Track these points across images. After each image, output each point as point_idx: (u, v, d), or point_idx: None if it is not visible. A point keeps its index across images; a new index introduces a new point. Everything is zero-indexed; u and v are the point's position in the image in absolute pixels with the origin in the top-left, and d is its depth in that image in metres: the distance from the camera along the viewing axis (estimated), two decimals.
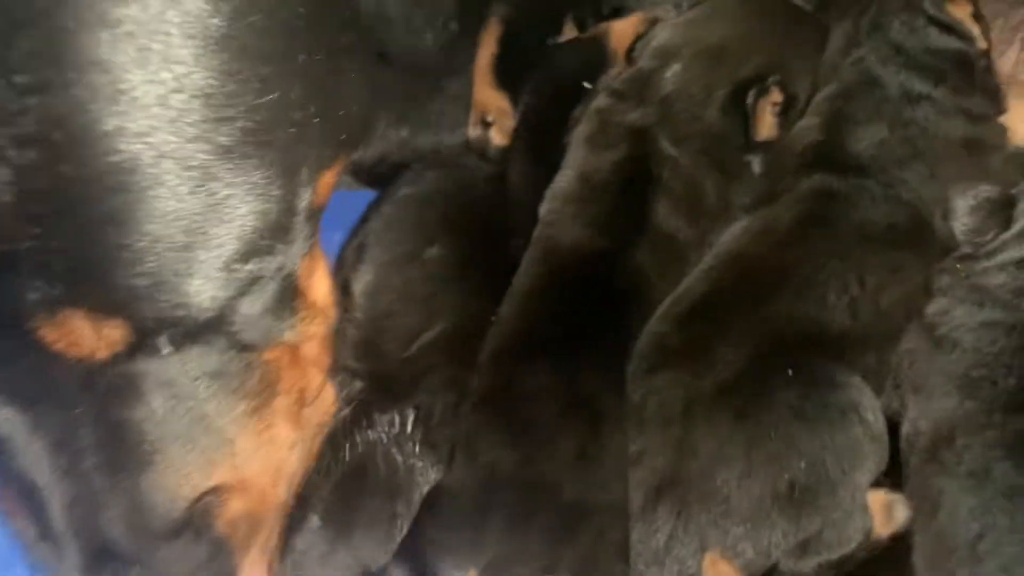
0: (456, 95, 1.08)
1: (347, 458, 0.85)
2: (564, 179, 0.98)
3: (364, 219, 1.03)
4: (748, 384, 0.80)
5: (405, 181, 1.04)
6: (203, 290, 0.66)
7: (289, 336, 0.75)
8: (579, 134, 1.01)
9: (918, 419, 0.82)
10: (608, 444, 0.83)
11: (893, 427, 0.83)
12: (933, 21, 0.97)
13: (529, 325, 0.89)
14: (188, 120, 0.63)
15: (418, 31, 0.78)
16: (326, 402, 0.85)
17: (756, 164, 0.97)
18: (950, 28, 0.97)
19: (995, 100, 0.96)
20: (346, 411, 0.87)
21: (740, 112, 0.97)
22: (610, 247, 0.92)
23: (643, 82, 1.00)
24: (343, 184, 0.88)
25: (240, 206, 0.66)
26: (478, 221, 1.01)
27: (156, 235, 0.63)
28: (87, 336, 0.65)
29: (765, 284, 0.86)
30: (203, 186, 0.64)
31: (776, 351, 0.81)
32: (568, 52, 1.13)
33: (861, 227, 0.88)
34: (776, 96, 0.98)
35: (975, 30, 0.97)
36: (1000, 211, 0.88)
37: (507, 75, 1.09)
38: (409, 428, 0.86)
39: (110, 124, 0.61)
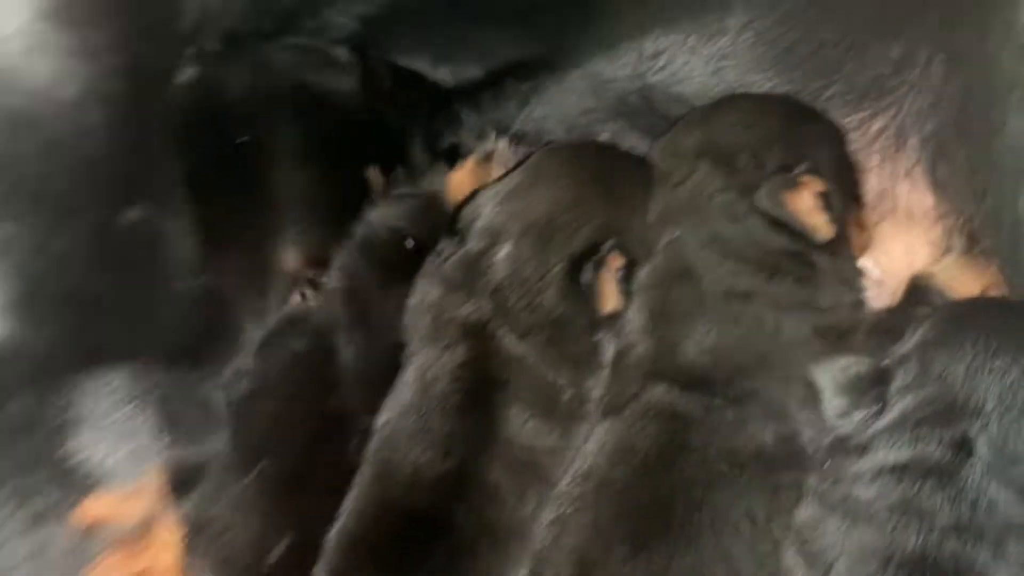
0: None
1: None
2: (403, 386, 0.89)
3: None
4: None
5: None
6: None
7: None
8: (415, 331, 0.92)
9: None
10: None
11: None
12: (759, 213, 0.83)
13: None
14: None
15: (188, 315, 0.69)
16: None
17: (607, 342, 0.89)
18: (780, 225, 0.83)
19: (852, 287, 0.85)
20: None
21: (580, 288, 0.88)
22: (456, 468, 0.83)
23: (471, 268, 0.90)
24: None
25: None
26: (310, 416, 0.92)
27: None
28: None
29: (648, 525, 0.76)
30: None
31: None
32: (388, 210, 1.04)
33: (729, 455, 0.77)
34: (617, 261, 0.89)
35: (818, 221, 0.82)
36: (873, 387, 0.75)
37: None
38: None
39: None
